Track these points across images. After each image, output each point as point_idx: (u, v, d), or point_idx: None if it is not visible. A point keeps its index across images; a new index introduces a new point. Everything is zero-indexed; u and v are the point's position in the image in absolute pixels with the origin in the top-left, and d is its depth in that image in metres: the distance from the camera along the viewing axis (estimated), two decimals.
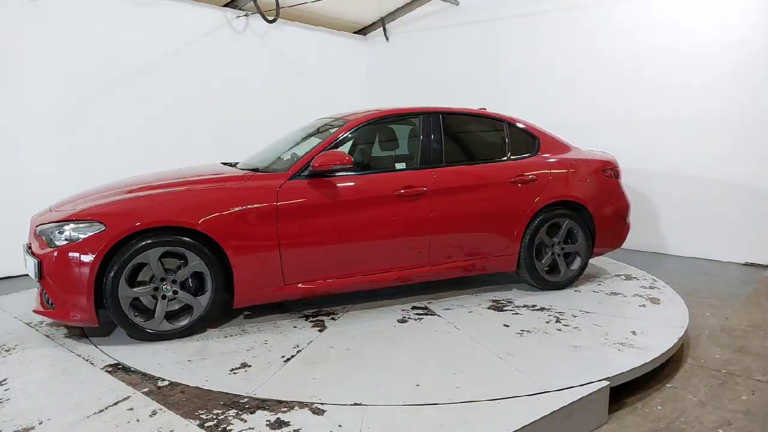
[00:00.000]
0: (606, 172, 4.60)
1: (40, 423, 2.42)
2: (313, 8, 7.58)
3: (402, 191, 3.86)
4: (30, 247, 3.45)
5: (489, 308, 3.99)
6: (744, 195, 5.86)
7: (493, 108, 4.76)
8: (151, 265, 3.28)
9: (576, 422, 2.61)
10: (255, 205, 3.49)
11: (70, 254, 3.17)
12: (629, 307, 3.99)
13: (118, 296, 3.21)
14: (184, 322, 3.42)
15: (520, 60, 7.36)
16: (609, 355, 3.12)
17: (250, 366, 3.03)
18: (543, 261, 4.35)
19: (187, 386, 2.75)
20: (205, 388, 2.74)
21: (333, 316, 3.85)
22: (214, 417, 2.46)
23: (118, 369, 2.97)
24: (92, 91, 5.88)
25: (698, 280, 5.31)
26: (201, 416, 2.46)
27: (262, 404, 2.57)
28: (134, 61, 6.18)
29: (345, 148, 4.24)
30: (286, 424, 2.39)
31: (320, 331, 3.59)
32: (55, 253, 3.20)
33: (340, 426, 2.37)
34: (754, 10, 5.64)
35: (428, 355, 3.16)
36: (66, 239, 3.22)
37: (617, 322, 3.66)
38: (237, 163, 4.37)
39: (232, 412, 2.50)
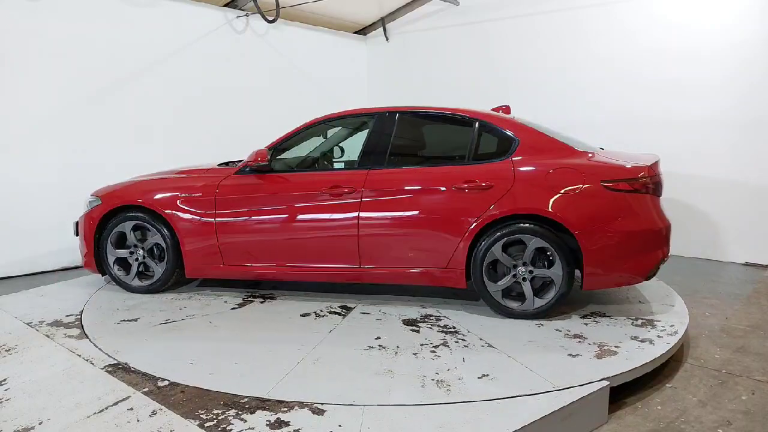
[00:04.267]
0: (608, 184, 3.57)
1: (40, 423, 2.43)
2: (313, 8, 7.58)
3: (329, 191, 3.90)
4: None
5: (403, 320, 3.70)
6: (744, 195, 5.86)
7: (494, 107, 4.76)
8: (126, 234, 4.27)
9: (576, 422, 2.61)
10: (199, 194, 4.15)
11: (85, 220, 4.35)
12: (551, 356, 3.10)
13: (106, 255, 4.29)
14: (147, 282, 4.32)
15: (520, 60, 7.35)
16: (408, 385, 2.77)
17: (136, 322, 3.71)
18: (498, 282, 3.68)
19: (187, 386, 2.76)
20: (166, 379, 2.76)
21: (267, 299, 4.21)
22: (214, 417, 2.46)
23: (118, 369, 2.97)
24: (92, 90, 5.87)
25: (698, 280, 5.31)
26: (201, 416, 2.47)
27: (262, 404, 2.57)
28: (134, 61, 6.18)
29: (299, 148, 4.44)
30: (286, 424, 2.40)
31: (233, 309, 3.99)
32: (80, 219, 4.42)
33: (340, 426, 2.37)
34: (755, 10, 5.64)
35: (259, 345, 3.29)
36: (87, 209, 4.37)
37: (493, 363, 3.02)
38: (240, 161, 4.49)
39: (232, 412, 2.51)
